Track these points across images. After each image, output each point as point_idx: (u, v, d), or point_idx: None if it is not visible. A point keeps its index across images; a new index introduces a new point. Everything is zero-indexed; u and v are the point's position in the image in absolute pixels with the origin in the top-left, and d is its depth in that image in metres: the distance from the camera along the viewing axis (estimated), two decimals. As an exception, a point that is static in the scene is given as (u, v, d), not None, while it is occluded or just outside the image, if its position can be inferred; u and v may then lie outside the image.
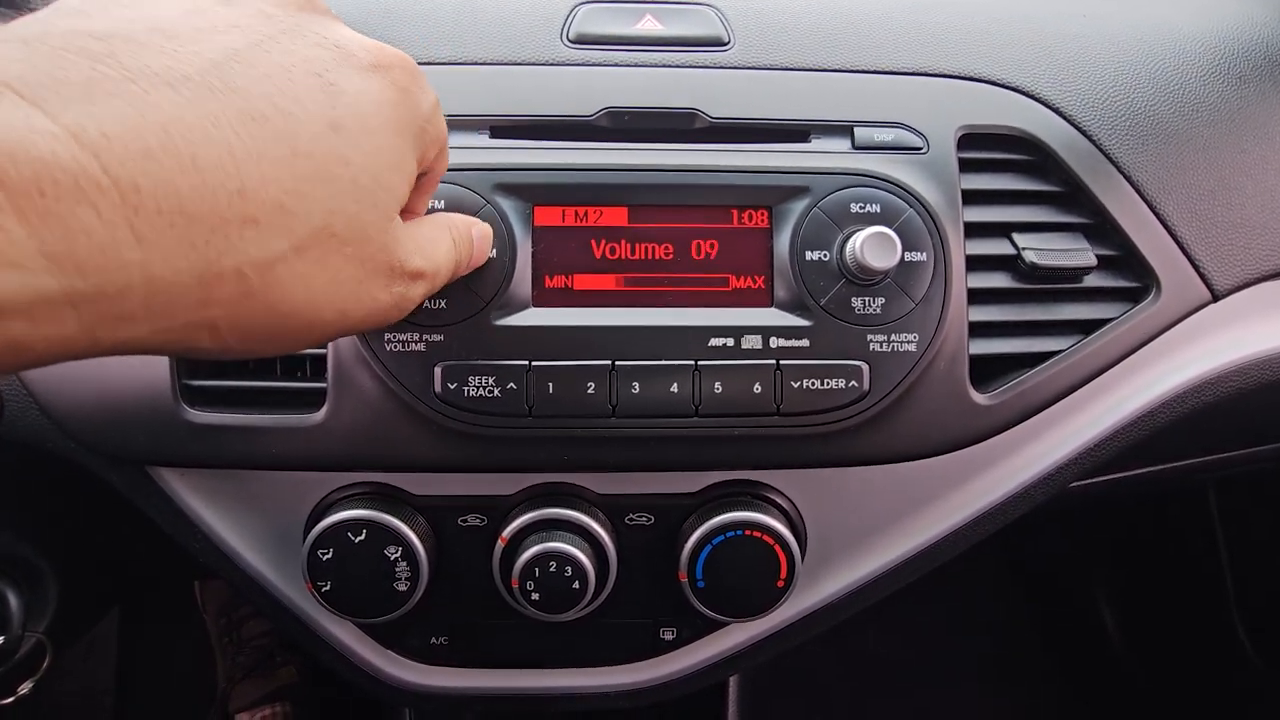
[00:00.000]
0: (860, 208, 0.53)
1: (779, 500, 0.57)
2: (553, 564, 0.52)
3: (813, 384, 0.52)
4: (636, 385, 0.51)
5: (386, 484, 0.56)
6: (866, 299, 0.52)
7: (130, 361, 0.52)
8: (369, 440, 0.52)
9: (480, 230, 0.46)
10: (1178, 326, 0.58)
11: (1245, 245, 0.59)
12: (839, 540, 0.59)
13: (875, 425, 0.53)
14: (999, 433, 0.56)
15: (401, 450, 0.52)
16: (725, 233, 0.53)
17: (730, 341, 0.52)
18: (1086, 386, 0.57)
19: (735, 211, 0.53)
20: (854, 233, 0.51)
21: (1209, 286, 0.58)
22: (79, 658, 1.25)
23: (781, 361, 0.51)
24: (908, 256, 0.52)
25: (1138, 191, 0.58)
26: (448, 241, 0.41)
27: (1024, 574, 1.40)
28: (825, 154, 0.55)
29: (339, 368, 0.52)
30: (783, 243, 0.53)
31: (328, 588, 0.53)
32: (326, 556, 0.53)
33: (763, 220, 0.53)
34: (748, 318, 0.52)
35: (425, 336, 0.51)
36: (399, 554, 0.53)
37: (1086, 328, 0.57)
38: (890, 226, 0.51)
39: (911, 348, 0.52)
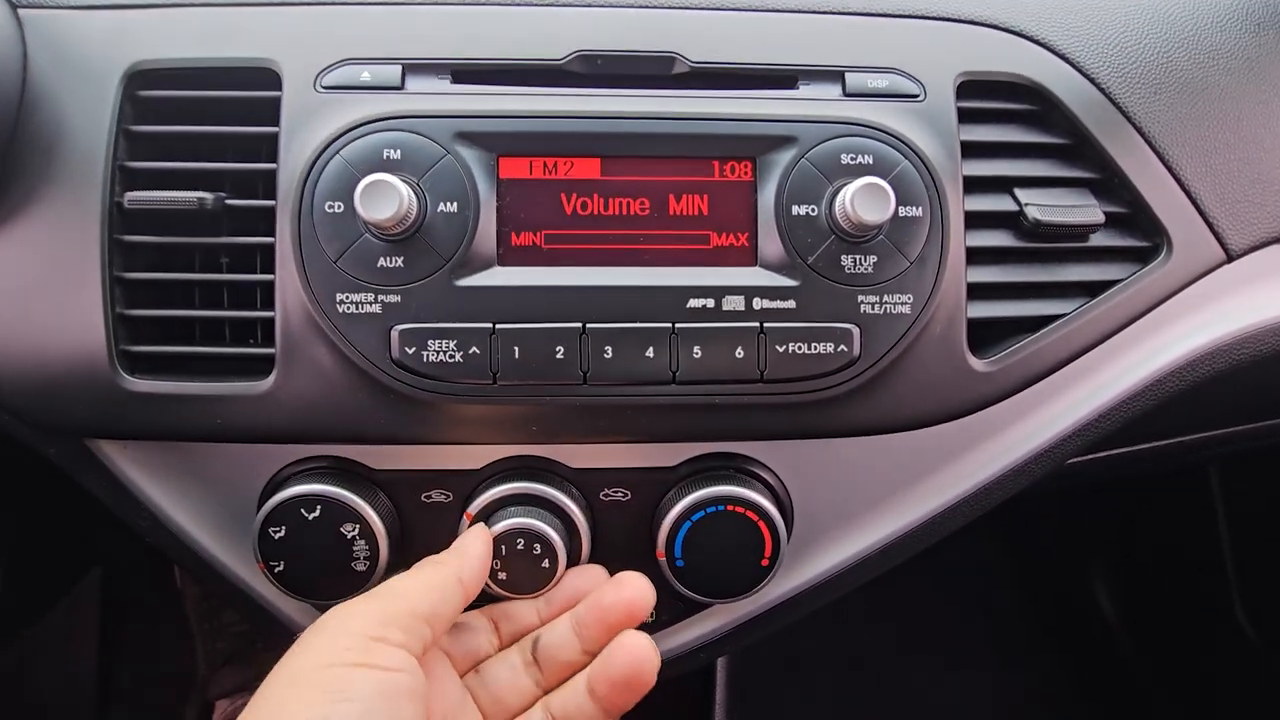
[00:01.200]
0: (851, 159, 0.49)
1: (763, 474, 0.54)
2: (520, 541, 0.49)
3: (799, 348, 0.48)
4: (609, 350, 0.47)
5: (344, 458, 0.52)
6: (858, 257, 0.48)
7: (65, 326, 0.48)
8: (321, 410, 0.48)
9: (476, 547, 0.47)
10: (1189, 288, 0.54)
11: (1263, 202, 0.55)
12: (826, 517, 0.56)
13: (865, 393, 0.50)
14: (997, 401, 0.52)
15: (356, 420, 0.49)
16: (706, 186, 0.49)
17: (710, 303, 0.48)
18: (1092, 352, 0.53)
19: (717, 163, 0.50)
20: (844, 186, 0.48)
21: (1224, 246, 0.55)
22: (60, 642, 1.23)
23: (765, 324, 0.48)
24: (902, 211, 0.48)
25: (1149, 144, 0.54)
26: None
27: (1018, 556, 1.37)
28: (814, 101, 0.50)
29: (288, 331, 0.48)
30: (768, 196, 0.49)
31: (280, 568, 0.50)
32: (279, 535, 0.49)
33: (746, 172, 0.50)
34: (730, 277, 0.49)
35: (380, 297, 0.47)
36: (356, 532, 0.50)
37: (1092, 290, 0.53)
38: (884, 179, 0.47)
39: (905, 310, 0.49)
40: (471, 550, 0.46)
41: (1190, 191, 0.54)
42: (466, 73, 0.50)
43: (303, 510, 0.49)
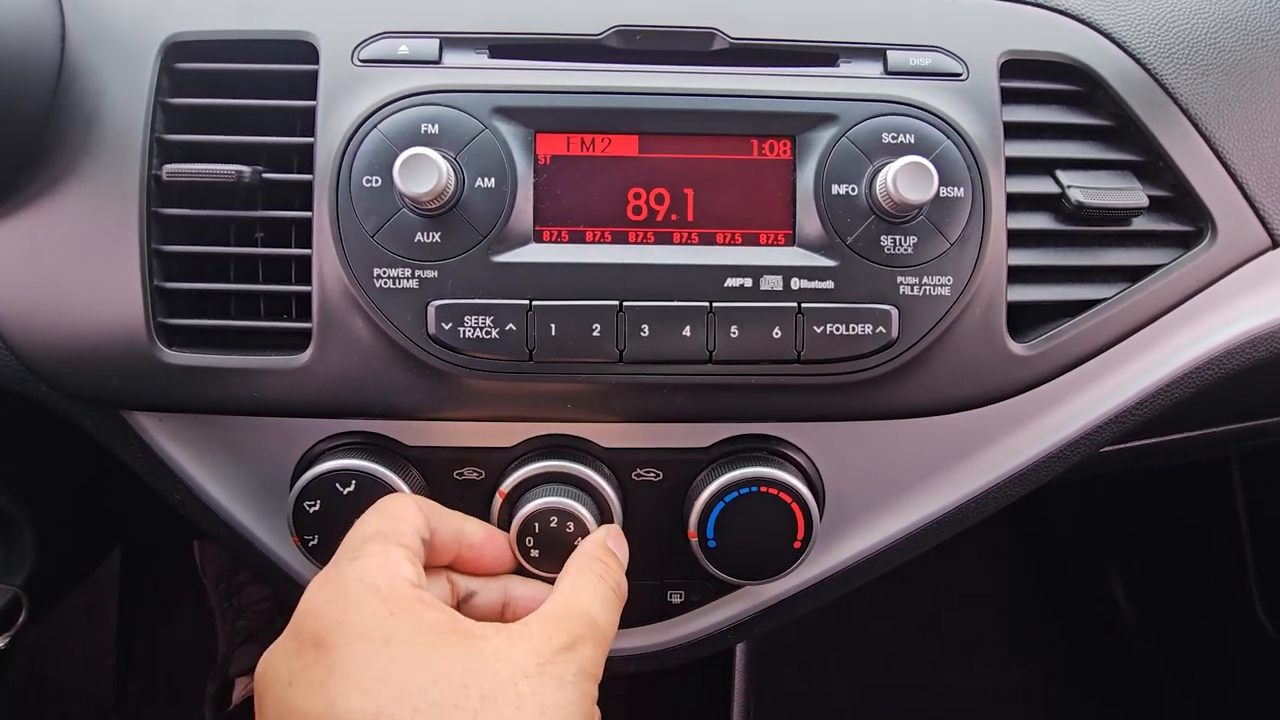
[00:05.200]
0: (893, 138, 0.48)
1: (795, 456, 0.54)
2: (554, 519, 0.49)
3: (837, 329, 0.48)
4: (646, 328, 0.47)
5: (378, 434, 0.52)
6: (897, 238, 0.48)
7: (103, 298, 0.48)
8: (357, 385, 0.48)
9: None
10: (1232, 274, 0.53)
11: (1312, 187, 0.54)
12: (857, 500, 0.56)
13: (902, 376, 0.49)
14: (1035, 386, 0.52)
15: (392, 396, 0.49)
16: (744, 164, 0.49)
17: (748, 282, 0.48)
18: (1132, 338, 0.52)
19: (756, 141, 0.49)
20: (885, 165, 0.47)
21: (1269, 232, 0.54)
22: (79, 622, 1.24)
23: (803, 304, 0.47)
24: (944, 192, 0.47)
25: (1195, 126, 0.53)
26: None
27: (1033, 548, 1.37)
28: (855, 79, 0.50)
29: (325, 306, 0.48)
30: (807, 175, 0.48)
31: (315, 542, 0.50)
32: (314, 509, 0.50)
33: (785, 151, 0.49)
34: (768, 257, 0.48)
35: (418, 272, 0.47)
36: (390, 507, 0.50)
37: (1134, 274, 0.53)
38: (926, 158, 0.46)
39: (945, 292, 0.48)
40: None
41: (1236, 175, 0.53)
42: (504, 47, 0.50)
43: (338, 485, 0.50)
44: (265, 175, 0.49)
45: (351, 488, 0.50)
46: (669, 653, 0.58)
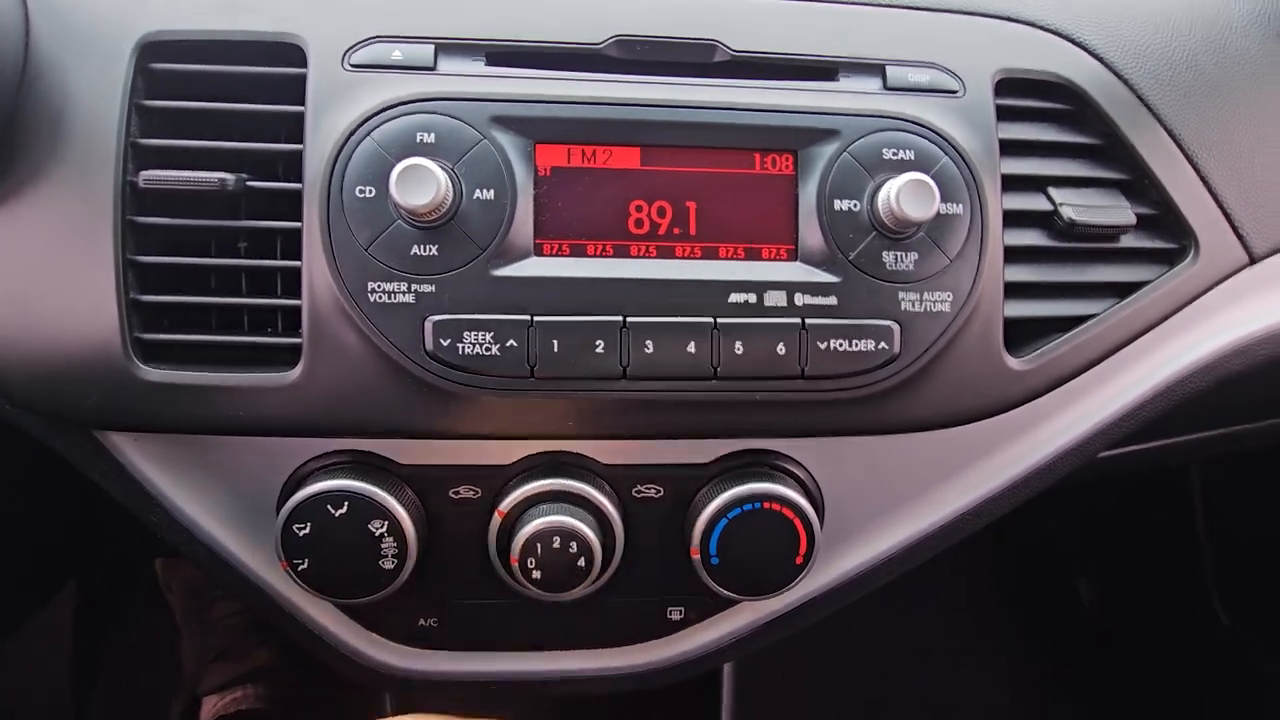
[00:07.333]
0: (893, 154, 0.48)
1: (795, 470, 0.54)
2: (556, 540, 0.48)
3: (840, 345, 0.48)
4: (650, 344, 0.46)
5: (370, 452, 0.50)
6: (898, 254, 0.48)
7: (75, 312, 0.46)
8: (350, 402, 0.47)
9: None
10: (1214, 290, 0.55)
11: (1286, 206, 0.56)
12: (856, 514, 0.56)
13: (903, 391, 0.50)
14: (1030, 400, 0.52)
15: (386, 414, 0.47)
16: (746, 179, 0.48)
17: (752, 298, 0.47)
18: (1121, 352, 0.54)
19: (759, 156, 0.49)
20: (885, 181, 0.47)
21: (1247, 249, 0.55)
22: (38, 643, 1.18)
23: (807, 320, 0.47)
24: (943, 209, 0.48)
25: (1179, 146, 0.54)
26: None
27: (1002, 554, 1.40)
28: (855, 94, 0.50)
29: (316, 321, 0.46)
30: (809, 191, 0.48)
31: (305, 566, 0.48)
32: (303, 532, 0.48)
33: (788, 165, 0.49)
34: (771, 272, 0.48)
35: (414, 286, 0.45)
36: (384, 529, 0.48)
37: (1122, 290, 0.54)
38: (918, 173, 0.47)
39: (945, 308, 0.48)
40: None
41: (1216, 194, 0.55)
42: (501, 55, 0.49)
43: (329, 507, 0.48)
44: (250, 183, 0.47)
45: (344, 510, 0.48)
46: (668, 670, 0.57)
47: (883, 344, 0.48)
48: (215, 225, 0.47)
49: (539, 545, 0.48)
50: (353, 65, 0.47)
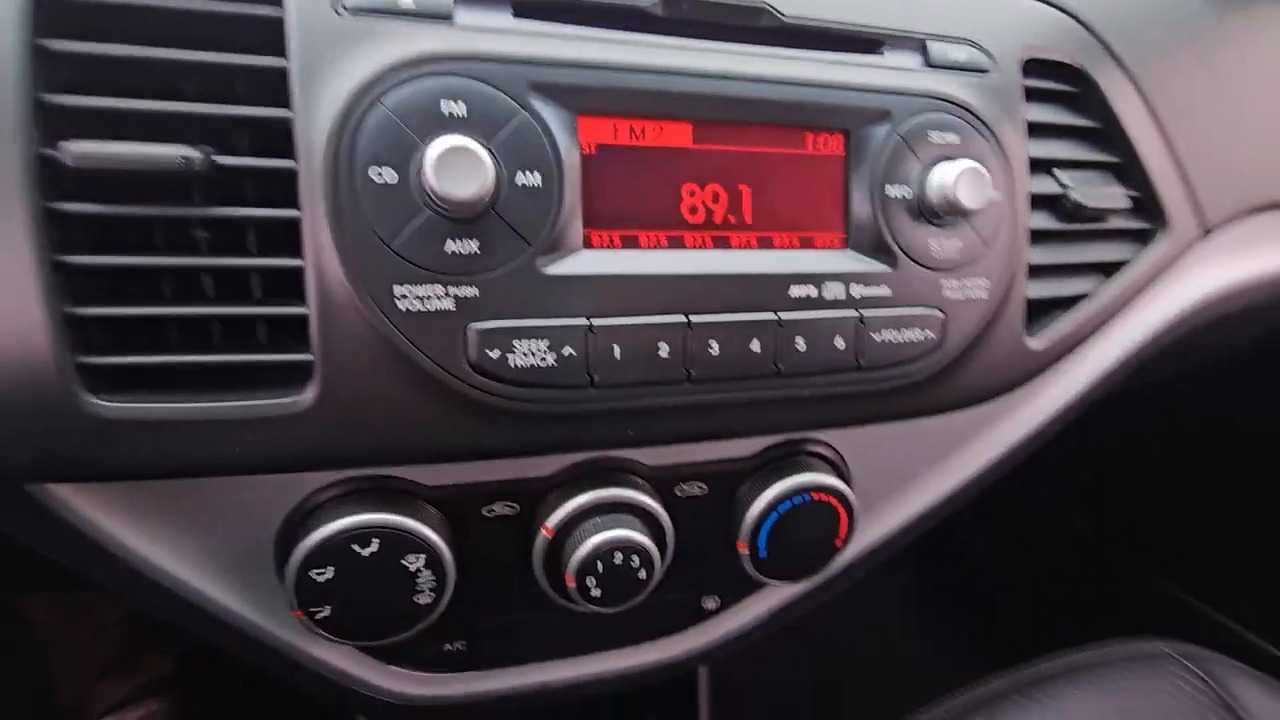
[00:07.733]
0: (940, 137, 0.47)
1: (830, 456, 0.54)
2: (618, 556, 0.45)
3: (892, 335, 0.47)
4: (715, 344, 0.43)
5: (390, 476, 0.44)
6: (943, 241, 0.48)
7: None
8: (375, 428, 0.40)
9: None
10: (1174, 263, 0.61)
11: (1235, 184, 0.62)
12: (880, 488, 0.57)
13: (941, 376, 0.50)
14: (1039, 374, 0.55)
15: (421, 437, 0.41)
16: (798, 160, 0.45)
17: (813, 291, 0.45)
18: (1108, 322, 0.58)
19: (810, 136, 0.46)
20: (935, 166, 0.46)
21: (1203, 224, 0.61)
22: None
23: (863, 312, 0.46)
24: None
25: (1161, 131, 0.58)
26: None
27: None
28: (901, 71, 0.48)
29: (329, 333, 0.38)
30: (862, 174, 0.46)
31: (327, 614, 0.41)
32: (324, 577, 0.41)
33: (838, 146, 0.46)
34: (826, 262, 0.46)
35: (452, 290, 0.38)
36: (421, 563, 0.42)
37: (1106, 270, 0.58)
38: (971, 160, 0.46)
39: (983, 294, 0.49)
40: None
41: (1186, 175, 0.59)
42: (530, 6, 0.41)
43: (354, 546, 0.41)
44: (224, 162, 0.36)
45: (374, 547, 0.41)
46: (700, 656, 0.57)
47: (929, 333, 0.48)
48: (187, 215, 0.36)
49: (599, 562, 0.44)
50: (348, 8, 0.38)
